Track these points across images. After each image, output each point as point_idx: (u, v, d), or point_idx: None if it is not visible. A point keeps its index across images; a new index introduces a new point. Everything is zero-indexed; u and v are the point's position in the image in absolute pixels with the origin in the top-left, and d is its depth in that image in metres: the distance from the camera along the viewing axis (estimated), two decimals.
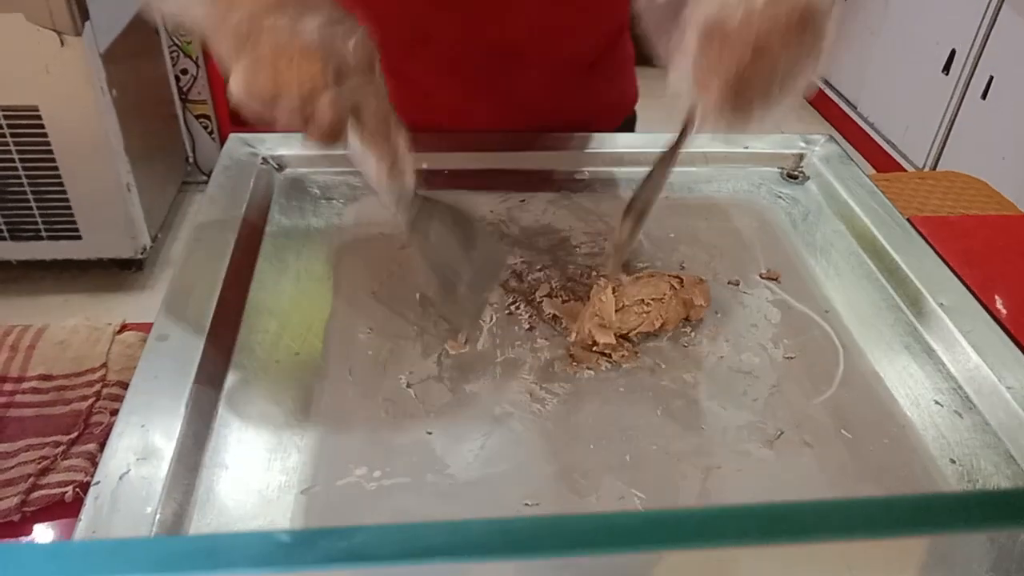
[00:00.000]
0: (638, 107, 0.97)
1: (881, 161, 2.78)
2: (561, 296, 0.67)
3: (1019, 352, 0.63)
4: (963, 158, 2.41)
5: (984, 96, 2.33)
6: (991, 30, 2.31)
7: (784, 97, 0.53)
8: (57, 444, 0.58)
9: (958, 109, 2.45)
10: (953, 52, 2.45)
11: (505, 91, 0.83)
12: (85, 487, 0.54)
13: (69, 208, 1.89)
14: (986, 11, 2.31)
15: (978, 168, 1.65)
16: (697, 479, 0.53)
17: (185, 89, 2.35)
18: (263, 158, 0.79)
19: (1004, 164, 2.23)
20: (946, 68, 2.48)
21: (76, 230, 1.93)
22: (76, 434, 0.59)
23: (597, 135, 0.87)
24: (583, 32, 0.82)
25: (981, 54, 2.35)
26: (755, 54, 0.50)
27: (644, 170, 0.64)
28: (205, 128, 2.43)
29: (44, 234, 1.92)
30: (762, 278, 0.71)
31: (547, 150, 0.84)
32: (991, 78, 2.31)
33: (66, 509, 0.55)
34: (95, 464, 0.53)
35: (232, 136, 0.82)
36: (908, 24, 2.70)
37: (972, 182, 1.55)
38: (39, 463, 0.56)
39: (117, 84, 1.82)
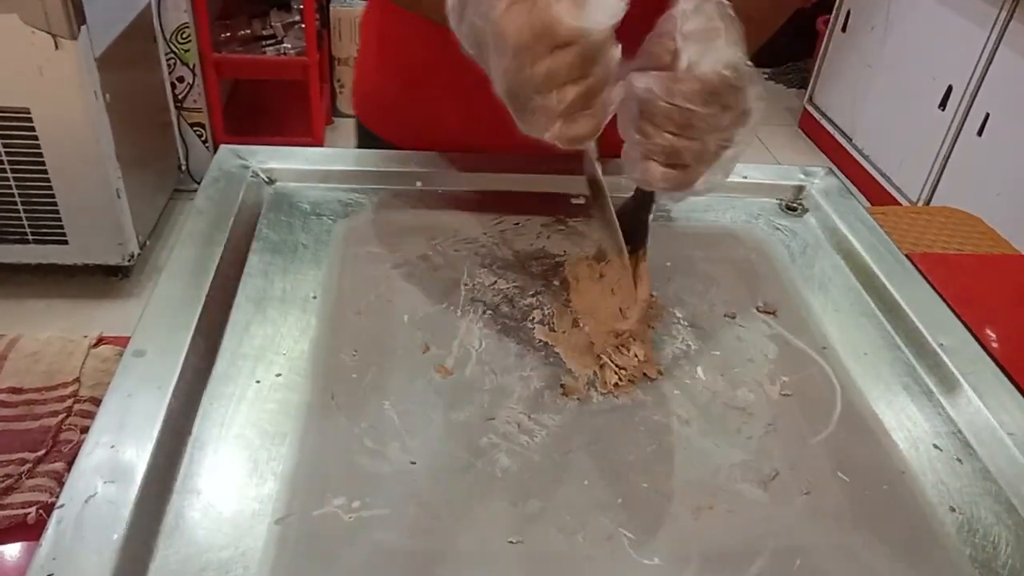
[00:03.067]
0: None
1: (875, 194, 2.79)
2: (552, 324, 0.65)
3: (1020, 396, 0.62)
4: (957, 194, 2.42)
5: (980, 133, 2.34)
6: (988, 68, 2.32)
7: (717, 159, 0.56)
8: (23, 462, 0.55)
9: (953, 145, 2.46)
10: (950, 88, 2.46)
11: None
12: (49, 509, 0.52)
13: (57, 212, 1.86)
14: (983, 49, 2.32)
15: (972, 204, 1.65)
16: (688, 519, 0.52)
17: (180, 96, 2.34)
18: (253, 171, 0.78)
19: (999, 201, 2.23)
20: (942, 104, 2.50)
21: (63, 235, 1.90)
22: (43, 451, 0.56)
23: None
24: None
25: (978, 91, 2.36)
26: (681, 128, 0.53)
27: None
28: (199, 136, 2.41)
29: (30, 238, 1.90)
30: (759, 311, 0.70)
31: (543, 173, 0.83)
32: (987, 115, 2.32)
33: (28, 531, 0.53)
34: (61, 484, 0.51)
35: (223, 147, 0.80)
36: (905, 59, 2.72)
37: (967, 218, 1.55)
38: (2, 481, 0.54)
39: (111, 89, 1.81)
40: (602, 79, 0.51)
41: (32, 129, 1.75)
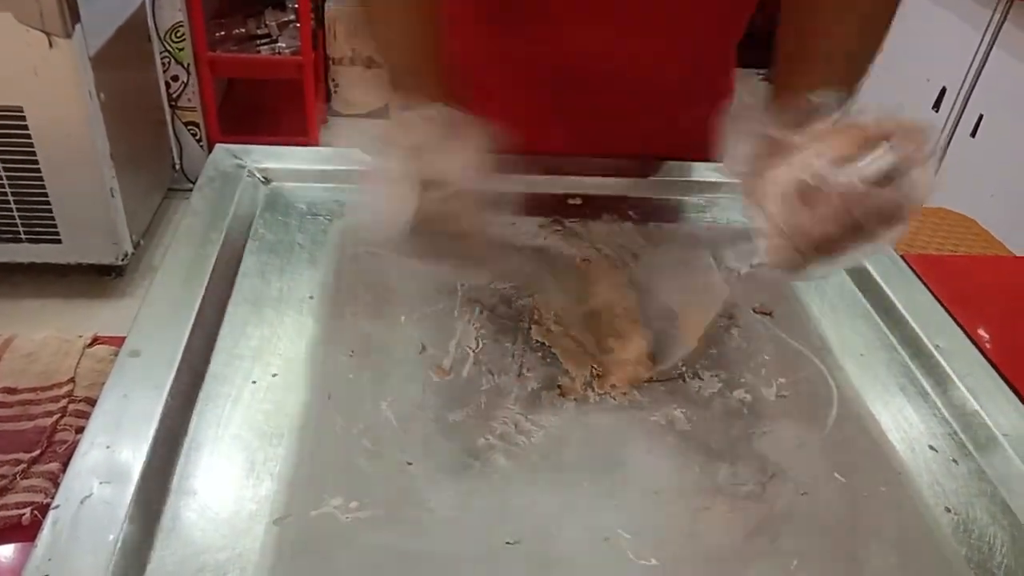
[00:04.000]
0: None
1: None
2: (549, 324, 0.65)
3: (1016, 398, 0.62)
4: (951, 195, 2.41)
5: (973, 134, 2.35)
6: (982, 69, 2.33)
7: (837, 263, 0.54)
8: (17, 462, 0.55)
9: (947, 146, 2.46)
10: (944, 90, 2.47)
11: (586, 113, 0.81)
12: (44, 509, 0.51)
13: (50, 211, 1.85)
14: (977, 50, 2.33)
15: (966, 205, 1.66)
16: (685, 520, 0.52)
17: (175, 96, 2.33)
18: (249, 170, 0.77)
19: (992, 202, 2.24)
20: (936, 105, 2.50)
21: (56, 234, 1.89)
22: (38, 452, 0.56)
23: (592, 160, 0.85)
24: (670, 62, 0.79)
25: (971, 93, 2.37)
26: (841, 232, 0.51)
27: (638, 197, 0.62)
28: (193, 135, 2.40)
29: (23, 237, 1.88)
30: (756, 312, 0.70)
31: (540, 174, 0.82)
32: (981, 117, 2.32)
33: (23, 532, 0.52)
34: (56, 485, 0.51)
35: (218, 147, 0.80)
36: (899, 61, 2.72)
37: (961, 219, 1.55)
38: None
39: (105, 88, 1.80)
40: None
41: (26, 128, 1.74)
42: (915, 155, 0.51)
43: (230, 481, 0.50)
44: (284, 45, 2.47)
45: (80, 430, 0.54)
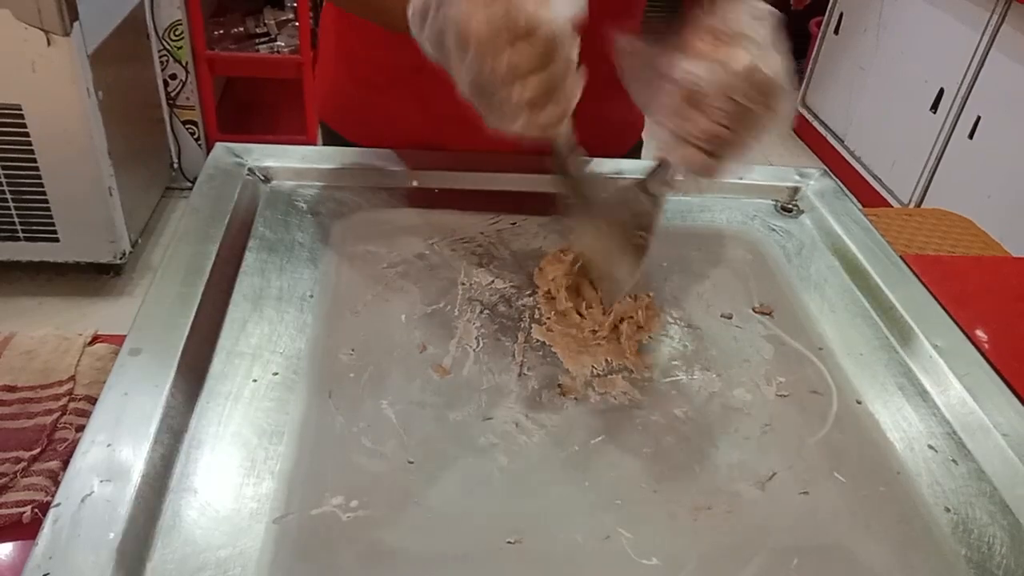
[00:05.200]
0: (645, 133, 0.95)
1: (867, 196, 2.80)
2: (549, 324, 0.65)
3: (1015, 398, 0.62)
4: (949, 196, 2.43)
5: (971, 136, 2.35)
6: (980, 71, 2.34)
7: (749, 151, 0.59)
8: (18, 460, 0.55)
9: (945, 147, 2.47)
10: (941, 91, 2.48)
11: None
12: (44, 508, 0.51)
13: (48, 209, 1.85)
14: (975, 52, 2.33)
15: (963, 206, 1.66)
16: (686, 519, 0.52)
17: (173, 94, 2.33)
18: (249, 169, 0.77)
19: (989, 203, 2.25)
20: (934, 107, 2.51)
21: (54, 232, 1.89)
22: (38, 450, 0.56)
23: (592, 159, 0.85)
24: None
25: (969, 94, 2.37)
26: (730, 120, 0.56)
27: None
28: (191, 134, 2.40)
29: (21, 235, 1.88)
30: (755, 312, 0.70)
31: (540, 172, 0.82)
32: (978, 118, 2.33)
33: (23, 531, 0.52)
34: (57, 483, 0.51)
35: (218, 145, 0.80)
36: (898, 62, 2.73)
37: (958, 220, 1.55)
38: None
39: (104, 86, 1.80)
40: (564, 69, 0.52)
41: (24, 126, 1.74)
42: (767, 39, 0.57)
43: (230, 479, 0.50)
44: (283, 44, 2.47)
45: (80, 428, 0.54)
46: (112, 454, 0.48)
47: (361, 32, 0.83)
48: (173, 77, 2.30)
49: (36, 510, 0.52)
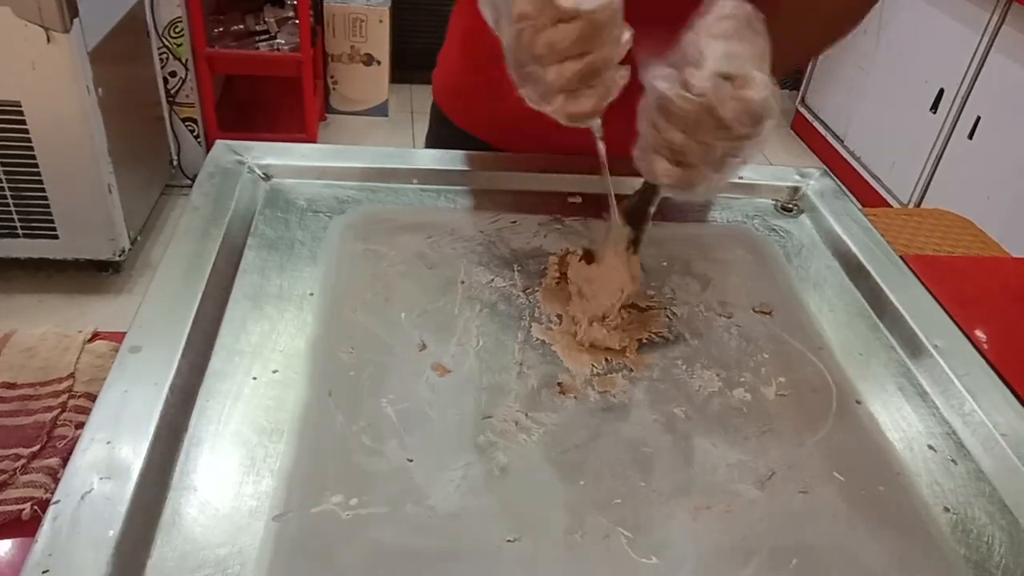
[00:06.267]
0: None
1: (866, 195, 2.80)
2: (549, 322, 0.65)
3: (1014, 398, 0.62)
4: (948, 196, 2.43)
5: (971, 136, 2.36)
6: (980, 71, 2.34)
7: (723, 166, 0.56)
8: (17, 457, 0.55)
9: (944, 148, 2.47)
10: (941, 91, 2.48)
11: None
12: (44, 505, 0.51)
13: (47, 206, 1.85)
14: (975, 53, 2.33)
15: (963, 206, 1.66)
16: (686, 519, 0.52)
17: (173, 91, 2.32)
18: (249, 166, 0.77)
19: (988, 203, 2.25)
20: (934, 107, 2.51)
21: (54, 229, 1.89)
22: (38, 447, 0.56)
23: (593, 158, 0.85)
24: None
25: (969, 94, 2.38)
26: (689, 129, 0.53)
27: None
28: (191, 131, 2.40)
29: (20, 232, 1.88)
30: (755, 312, 0.70)
31: (540, 171, 0.83)
32: (978, 118, 2.33)
33: (23, 528, 0.52)
34: (56, 481, 0.51)
35: (218, 142, 0.80)
36: (898, 62, 2.73)
37: (958, 220, 1.56)
38: None
39: (103, 83, 1.80)
40: (606, 58, 0.51)
41: (23, 123, 1.73)
42: (745, 51, 0.54)
43: (230, 477, 0.50)
44: (283, 41, 2.47)
45: (80, 425, 0.54)
46: (112, 452, 0.48)
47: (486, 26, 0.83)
48: (173, 75, 2.30)
49: (36, 507, 0.52)
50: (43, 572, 0.42)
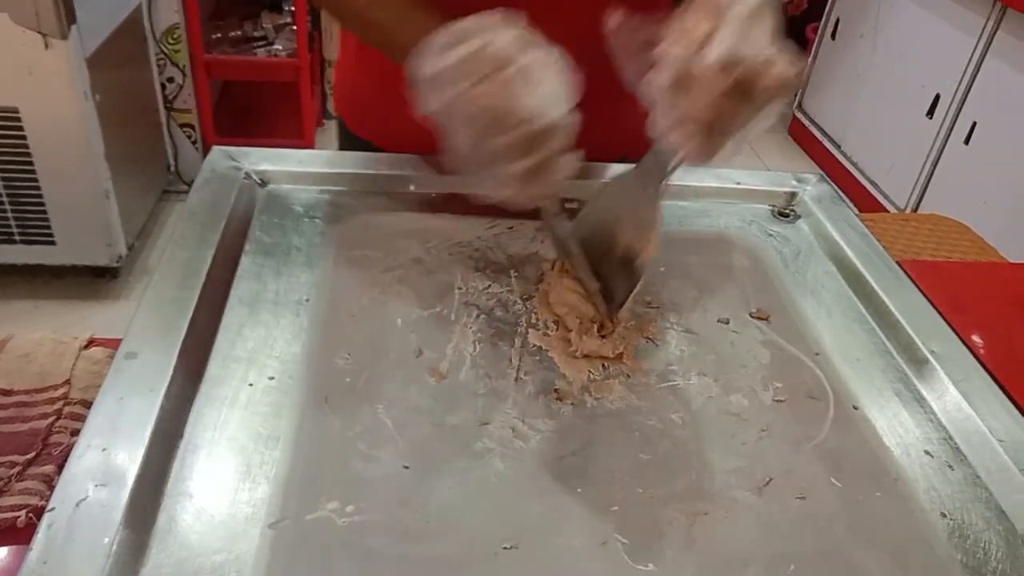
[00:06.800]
0: None
1: (863, 200, 2.80)
2: (546, 328, 0.65)
3: (1010, 404, 0.62)
4: (945, 201, 2.43)
5: (967, 141, 2.36)
6: (976, 77, 2.34)
7: (753, 130, 0.59)
8: (12, 464, 0.55)
9: (941, 153, 2.47)
10: (938, 97, 2.48)
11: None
12: (39, 512, 0.51)
13: (45, 212, 1.85)
14: (971, 58, 2.34)
15: (959, 212, 1.66)
16: (683, 525, 0.52)
17: (170, 97, 2.32)
18: (246, 172, 0.77)
19: (985, 209, 2.25)
20: (930, 112, 2.51)
21: (51, 235, 1.88)
22: (33, 454, 0.56)
23: (589, 164, 0.85)
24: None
25: (965, 100, 2.38)
26: (727, 99, 0.55)
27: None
28: (189, 137, 2.40)
29: (17, 238, 1.88)
30: (752, 317, 0.70)
31: None
32: (974, 124, 2.34)
33: (18, 535, 0.52)
34: (51, 487, 0.50)
35: (215, 149, 0.80)
36: (894, 67, 2.74)
37: (955, 226, 1.56)
38: None
39: (101, 89, 1.80)
40: (555, 152, 0.56)
41: (21, 129, 1.73)
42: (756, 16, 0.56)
43: (226, 484, 0.50)
44: (280, 47, 2.47)
45: (75, 432, 0.53)
46: (107, 458, 0.48)
47: None
48: (170, 80, 2.30)
49: (31, 514, 0.52)
50: None
